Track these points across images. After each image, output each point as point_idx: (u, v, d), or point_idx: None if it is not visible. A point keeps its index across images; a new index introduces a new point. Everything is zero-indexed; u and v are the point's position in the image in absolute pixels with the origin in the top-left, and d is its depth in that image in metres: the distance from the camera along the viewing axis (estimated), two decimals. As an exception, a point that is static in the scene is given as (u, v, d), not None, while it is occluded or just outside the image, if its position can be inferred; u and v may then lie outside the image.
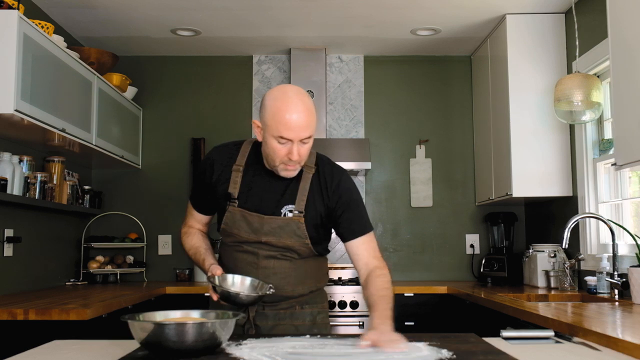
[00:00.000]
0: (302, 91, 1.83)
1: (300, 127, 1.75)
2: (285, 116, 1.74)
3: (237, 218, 1.91)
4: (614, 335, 1.69)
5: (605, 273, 3.03)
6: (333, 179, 1.93)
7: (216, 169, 1.96)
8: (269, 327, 1.94)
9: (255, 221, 1.90)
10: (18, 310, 2.53)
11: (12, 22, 2.68)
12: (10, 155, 3.03)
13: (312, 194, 1.91)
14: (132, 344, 1.59)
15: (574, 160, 3.65)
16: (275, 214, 1.90)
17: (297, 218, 1.89)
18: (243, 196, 1.91)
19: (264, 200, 1.91)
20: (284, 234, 1.89)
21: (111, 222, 4.47)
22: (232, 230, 1.93)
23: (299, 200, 1.89)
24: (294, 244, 1.90)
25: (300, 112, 1.75)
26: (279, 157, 1.81)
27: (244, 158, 1.95)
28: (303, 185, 1.91)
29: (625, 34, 2.47)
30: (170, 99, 4.64)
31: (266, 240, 1.90)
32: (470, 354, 1.43)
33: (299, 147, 1.78)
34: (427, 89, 4.64)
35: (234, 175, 1.93)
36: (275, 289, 1.88)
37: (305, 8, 3.75)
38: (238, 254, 1.96)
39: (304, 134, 1.76)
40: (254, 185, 1.92)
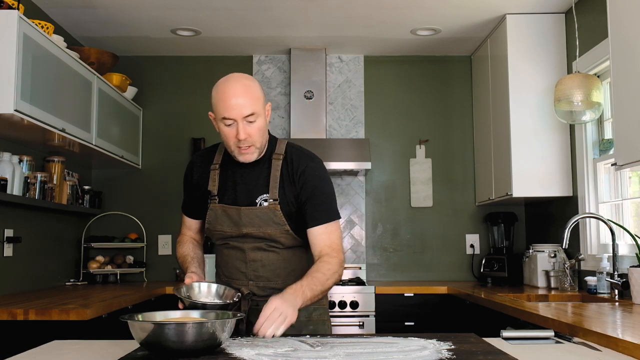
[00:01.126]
0: (244, 75, 1.90)
1: (239, 104, 1.81)
2: (225, 97, 1.83)
3: (218, 214, 1.96)
4: (614, 335, 1.69)
5: (606, 273, 3.03)
6: (300, 165, 1.96)
7: (196, 171, 2.05)
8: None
9: (234, 214, 1.94)
10: (18, 310, 2.52)
11: (12, 22, 2.68)
12: (10, 155, 3.03)
13: (282, 181, 1.95)
14: (132, 344, 1.59)
15: (574, 160, 3.65)
16: (251, 204, 1.94)
17: (273, 206, 1.92)
18: (221, 192, 1.97)
19: (239, 192, 1.96)
20: (263, 223, 1.93)
21: (111, 222, 4.47)
22: (216, 227, 1.98)
23: (271, 188, 1.93)
24: (274, 232, 1.93)
25: (238, 91, 1.83)
26: (231, 141, 1.87)
27: (220, 157, 2.02)
28: (274, 173, 1.95)
29: (625, 34, 2.47)
30: (170, 99, 4.64)
31: (247, 231, 1.93)
32: (470, 354, 1.43)
33: (244, 126, 1.83)
34: (427, 89, 4.64)
35: (212, 174, 2.00)
36: (266, 281, 1.94)
37: (305, 8, 3.75)
38: (226, 250, 2.01)
39: (246, 111, 1.82)
40: (229, 180, 1.98)
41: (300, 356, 1.41)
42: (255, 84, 1.89)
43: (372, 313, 3.78)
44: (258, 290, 1.97)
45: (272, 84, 4.64)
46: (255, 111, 1.84)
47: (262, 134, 1.89)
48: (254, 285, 1.97)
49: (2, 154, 2.99)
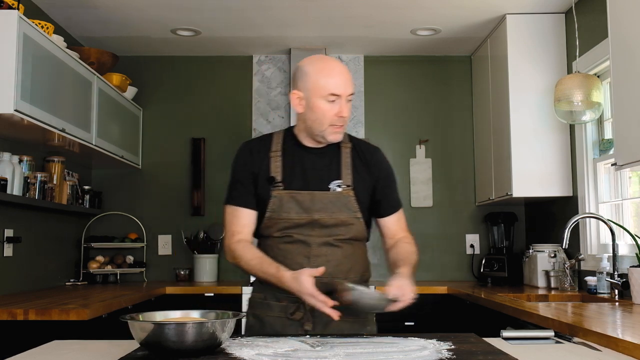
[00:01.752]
0: (335, 59, 1.95)
1: (347, 81, 1.85)
2: (332, 73, 1.84)
3: (285, 201, 1.89)
4: (614, 335, 1.69)
5: (606, 273, 3.03)
6: (373, 154, 2.01)
7: (254, 157, 1.96)
8: (324, 323, 1.90)
9: (306, 199, 1.89)
10: (18, 310, 2.53)
11: (12, 22, 2.68)
12: (10, 155, 3.03)
13: (355, 168, 1.95)
14: (132, 344, 1.59)
15: (574, 160, 3.65)
16: (324, 189, 1.91)
17: (347, 192, 1.91)
18: (287, 178, 1.91)
19: (309, 178, 1.92)
20: (336, 208, 1.90)
21: (111, 222, 4.47)
22: (281, 214, 1.89)
23: (344, 174, 1.93)
24: (347, 218, 1.91)
25: (343, 69, 1.87)
26: (328, 118, 1.85)
27: (280, 143, 1.97)
28: (345, 160, 1.95)
29: (625, 34, 2.47)
30: (170, 99, 4.64)
31: (318, 217, 1.88)
32: (470, 354, 1.43)
33: (347, 104, 1.86)
34: (427, 89, 4.64)
35: (274, 160, 1.94)
36: (329, 277, 1.86)
37: (305, 8, 3.75)
38: (286, 245, 1.91)
39: (350, 89, 1.86)
40: (296, 166, 1.93)
41: (301, 356, 1.41)
42: None
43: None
44: (320, 286, 1.88)
45: (272, 84, 4.64)
46: (354, 91, 1.89)
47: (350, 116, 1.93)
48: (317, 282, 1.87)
49: (2, 154, 2.99)
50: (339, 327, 1.91)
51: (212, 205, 4.52)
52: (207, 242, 4.37)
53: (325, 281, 1.74)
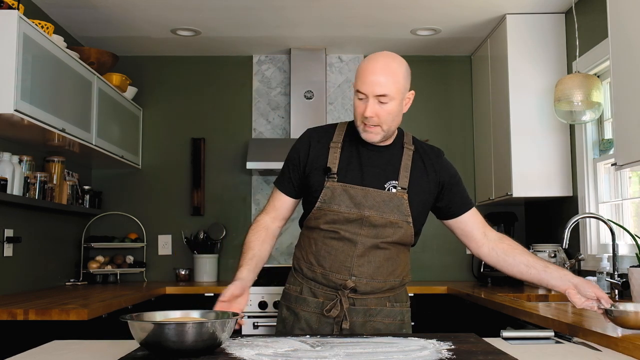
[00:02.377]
0: (393, 56, 1.89)
1: (374, 82, 1.79)
2: (364, 71, 1.82)
3: (337, 193, 1.87)
4: (614, 335, 1.69)
5: (606, 273, 3.03)
6: (437, 156, 1.99)
7: (313, 146, 1.95)
8: (360, 323, 1.90)
9: (358, 194, 1.86)
10: (18, 310, 2.52)
11: (12, 22, 2.68)
12: (10, 155, 3.03)
13: (415, 171, 1.93)
14: (132, 344, 1.59)
15: (574, 160, 3.65)
16: (378, 187, 1.88)
17: (401, 194, 1.88)
18: (342, 171, 1.89)
19: (365, 174, 1.89)
20: (387, 209, 1.87)
21: (111, 222, 4.47)
22: (331, 206, 1.87)
23: (402, 176, 1.90)
24: (397, 220, 1.88)
25: (378, 68, 1.81)
26: (358, 114, 1.84)
27: (341, 135, 1.96)
28: (405, 162, 1.93)
29: (626, 34, 2.47)
30: (170, 99, 4.64)
31: (369, 214, 1.85)
32: (470, 354, 1.43)
33: (374, 105, 1.80)
34: (427, 89, 4.64)
35: (332, 151, 1.92)
36: (369, 278, 1.88)
37: (305, 8, 3.75)
38: (333, 241, 1.89)
39: (378, 90, 1.79)
40: (354, 160, 1.91)
41: (300, 356, 1.41)
42: (400, 68, 1.87)
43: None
44: (361, 286, 1.88)
45: (272, 84, 4.64)
46: (389, 93, 1.80)
47: (392, 118, 1.85)
48: (357, 281, 1.87)
49: (2, 154, 2.99)
50: (375, 327, 1.91)
51: (212, 205, 4.52)
52: (207, 242, 4.37)
53: None
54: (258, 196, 4.54)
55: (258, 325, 3.75)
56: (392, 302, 1.96)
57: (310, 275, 1.93)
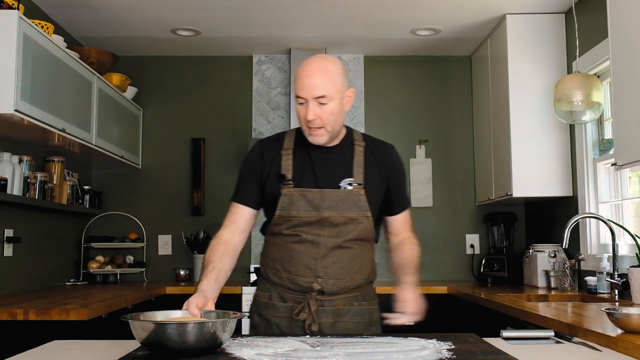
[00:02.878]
0: (328, 57, 1.90)
1: (311, 85, 1.82)
2: (300, 75, 1.85)
3: (295, 198, 1.88)
4: (613, 335, 1.69)
5: (606, 273, 3.03)
6: (387, 152, 2.01)
7: (265, 156, 1.97)
8: (329, 324, 1.91)
9: (315, 197, 1.88)
10: (18, 310, 2.53)
11: (12, 22, 2.68)
12: (10, 155, 3.03)
13: (368, 166, 1.95)
14: (132, 344, 1.59)
15: (574, 160, 3.65)
16: (334, 187, 1.90)
17: (358, 190, 1.90)
18: (297, 176, 1.91)
19: (319, 176, 1.91)
20: (346, 207, 1.89)
21: (111, 222, 4.47)
22: (291, 212, 1.89)
23: (356, 173, 1.92)
24: (357, 216, 1.90)
25: (314, 71, 1.83)
26: (302, 120, 1.87)
27: (292, 142, 1.98)
28: (357, 158, 1.95)
29: (626, 34, 2.47)
30: (170, 99, 4.64)
31: (328, 215, 1.87)
32: (470, 354, 1.43)
33: (314, 107, 1.83)
34: (427, 89, 4.64)
35: (285, 159, 1.94)
36: (335, 279, 1.89)
37: (305, 8, 3.75)
38: (295, 245, 1.90)
39: (316, 92, 1.81)
40: (306, 164, 1.93)
41: (301, 356, 1.41)
42: (335, 68, 1.87)
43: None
44: (327, 287, 1.89)
45: (272, 84, 4.64)
46: (327, 94, 1.82)
47: (334, 118, 1.86)
48: (323, 282, 1.88)
49: (2, 154, 2.99)
50: (345, 327, 1.92)
51: (212, 205, 4.52)
52: (207, 242, 4.36)
53: None
54: (258, 196, 4.53)
55: None
56: (360, 301, 1.97)
57: (278, 281, 1.94)
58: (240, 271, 4.42)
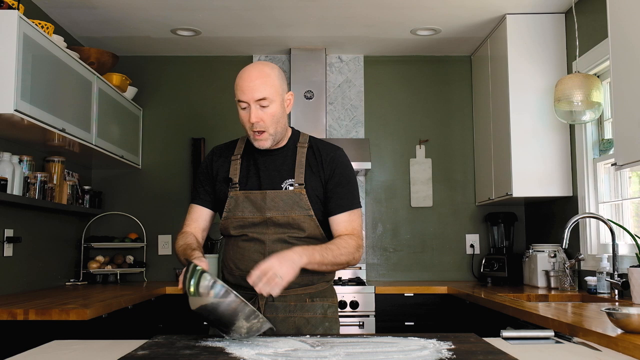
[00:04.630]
0: (265, 63, 1.97)
1: (251, 88, 1.87)
2: (240, 80, 1.90)
3: (240, 200, 1.96)
4: (613, 335, 1.69)
5: (606, 273, 3.03)
6: (328, 153, 2.02)
7: (215, 161, 2.07)
8: (280, 319, 1.94)
9: (258, 198, 1.95)
10: (18, 310, 2.53)
11: (12, 22, 2.68)
12: (10, 155, 3.03)
13: (309, 167, 1.99)
14: (132, 344, 1.59)
15: (574, 160, 3.65)
16: (275, 188, 1.96)
17: (299, 190, 1.95)
18: (243, 180, 1.99)
19: (263, 178, 1.98)
20: (287, 207, 1.94)
21: (111, 222, 4.47)
22: (236, 213, 1.96)
23: (297, 173, 1.97)
24: (299, 216, 1.94)
25: (252, 75, 1.89)
26: (246, 125, 1.92)
27: (241, 149, 2.06)
28: (299, 159, 1.99)
29: (626, 34, 2.47)
30: (170, 99, 4.64)
31: (270, 215, 1.93)
32: (470, 354, 1.43)
33: (256, 110, 1.88)
34: (427, 89, 4.64)
35: (233, 164, 2.03)
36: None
37: (305, 8, 3.75)
38: (244, 243, 1.97)
39: (257, 95, 1.87)
40: (252, 168, 2.01)
41: (301, 356, 1.41)
42: (273, 72, 1.92)
43: (372, 313, 3.78)
44: None
45: (272, 84, 4.63)
46: (267, 96, 1.88)
47: (275, 120, 1.92)
48: None
49: (2, 154, 2.99)
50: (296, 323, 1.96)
51: (212, 205, 4.52)
52: (207, 242, 4.37)
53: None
54: (258, 196, 4.53)
55: None
56: (313, 298, 1.99)
57: (232, 280, 1.99)
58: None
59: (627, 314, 1.70)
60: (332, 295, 2.07)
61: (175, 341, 1.60)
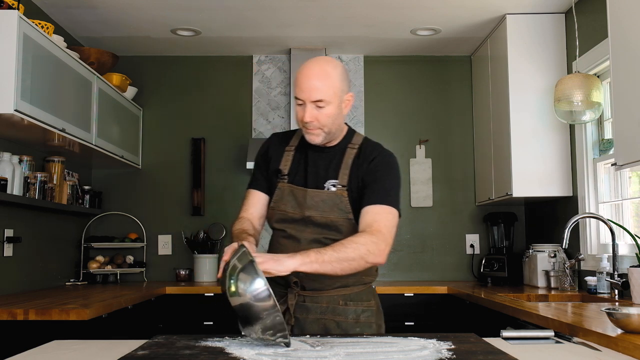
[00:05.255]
0: (329, 60, 1.91)
1: (309, 87, 1.84)
2: (300, 78, 1.87)
3: (285, 193, 1.96)
4: (613, 335, 1.69)
5: (605, 273, 3.03)
6: (372, 154, 1.97)
7: (271, 150, 2.06)
8: (310, 320, 1.91)
9: (299, 195, 1.94)
10: (18, 310, 2.53)
11: (12, 22, 2.68)
12: (10, 155, 3.03)
13: (355, 169, 1.95)
14: (132, 344, 1.59)
15: (574, 160, 3.65)
16: (318, 187, 1.93)
17: (340, 192, 1.92)
18: (293, 173, 1.98)
19: (309, 175, 1.96)
20: (327, 207, 1.91)
21: (111, 222, 4.47)
22: (280, 206, 1.96)
23: (341, 174, 1.94)
24: (337, 218, 1.91)
25: (313, 75, 1.85)
26: (299, 120, 1.90)
27: (297, 140, 2.04)
28: (346, 160, 1.96)
29: (626, 34, 2.47)
30: (170, 99, 4.64)
31: (309, 214, 1.91)
32: (470, 354, 1.43)
33: (312, 109, 1.86)
34: (427, 89, 4.64)
35: (286, 155, 2.02)
36: (314, 279, 1.86)
37: (305, 8, 3.75)
38: (283, 240, 1.97)
39: (314, 96, 1.84)
40: (302, 163, 1.99)
41: (300, 356, 1.41)
42: (335, 71, 1.88)
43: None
44: (307, 282, 1.89)
45: (272, 84, 4.64)
46: (325, 98, 1.85)
47: (331, 120, 1.89)
48: (305, 277, 1.86)
49: (2, 154, 2.99)
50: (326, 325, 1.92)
51: (212, 205, 4.52)
52: (207, 242, 4.37)
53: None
54: (258, 196, 4.53)
55: None
56: (346, 301, 1.94)
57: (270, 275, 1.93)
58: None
59: (627, 314, 1.70)
60: (368, 298, 1.99)
61: (175, 341, 1.60)
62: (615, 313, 1.73)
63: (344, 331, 1.90)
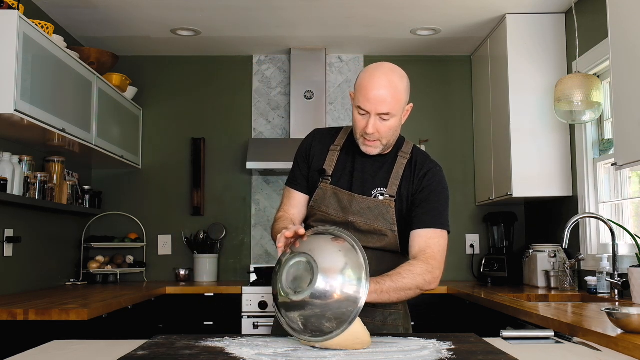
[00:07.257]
0: (395, 69, 1.86)
1: (377, 100, 1.77)
2: (366, 87, 1.78)
3: (327, 195, 1.90)
4: (613, 335, 1.69)
5: (606, 273, 3.03)
6: (423, 167, 1.92)
7: (314, 146, 1.99)
8: None
9: (345, 199, 1.88)
10: (18, 310, 2.53)
11: (12, 22, 2.68)
12: (10, 155, 3.03)
13: (404, 180, 1.90)
14: (132, 344, 1.59)
15: (574, 160, 3.65)
16: (365, 194, 1.88)
17: (388, 202, 1.87)
18: (337, 174, 1.92)
19: (356, 179, 1.90)
20: (372, 215, 1.86)
21: (111, 222, 4.47)
22: (321, 207, 1.90)
23: (391, 184, 1.88)
24: (381, 228, 1.85)
25: (382, 86, 1.78)
26: (359, 129, 1.83)
27: (343, 140, 1.98)
28: (396, 170, 1.91)
29: (626, 34, 2.47)
30: (170, 99, 4.64)
31: (353, 220, 1.86)
32: (470, 354, 1.43)
33: (375, 121, 1.79)
34: (427, 89, 4.64)
35: (331, 154, 1.95)
36: None
37: (305, 8, 3.75)
38: None
39: (381, 109, 1.78)
40: (348, 165, 1.93)
41: (300, 356, 1.41)
42: (402, 83, 1.84)
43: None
44: None
45: (272, 84, 4.64)
46: (391, 111, 1.79)
47: (392, 133, 1.84)
48: None
49: (2, 154, 2.99)
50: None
51: (212, 205, 4.52)
52: (207, 242, 4.37)
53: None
54: (258, 196, 4.54)
55: (258, 325, 3.76)
56: (375, 304, 1.89)
57: None
58: (240, 271, 4.42)
59: (627, 314, 1.70)
60: (399, 304, 1.97)
61: (175, 341, 1.60)
62: (616, 313, 1.73)
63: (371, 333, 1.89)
